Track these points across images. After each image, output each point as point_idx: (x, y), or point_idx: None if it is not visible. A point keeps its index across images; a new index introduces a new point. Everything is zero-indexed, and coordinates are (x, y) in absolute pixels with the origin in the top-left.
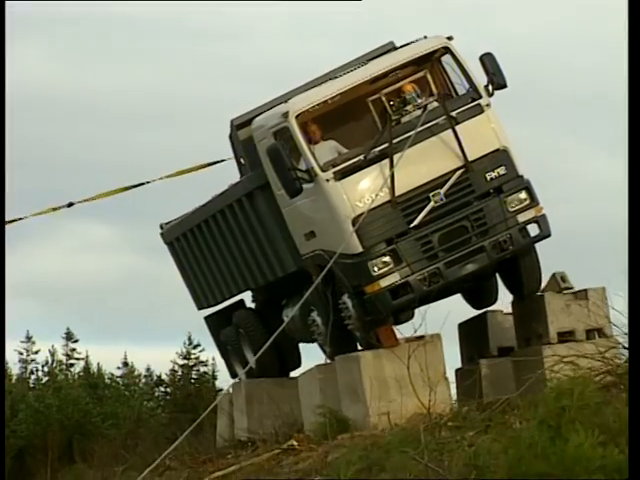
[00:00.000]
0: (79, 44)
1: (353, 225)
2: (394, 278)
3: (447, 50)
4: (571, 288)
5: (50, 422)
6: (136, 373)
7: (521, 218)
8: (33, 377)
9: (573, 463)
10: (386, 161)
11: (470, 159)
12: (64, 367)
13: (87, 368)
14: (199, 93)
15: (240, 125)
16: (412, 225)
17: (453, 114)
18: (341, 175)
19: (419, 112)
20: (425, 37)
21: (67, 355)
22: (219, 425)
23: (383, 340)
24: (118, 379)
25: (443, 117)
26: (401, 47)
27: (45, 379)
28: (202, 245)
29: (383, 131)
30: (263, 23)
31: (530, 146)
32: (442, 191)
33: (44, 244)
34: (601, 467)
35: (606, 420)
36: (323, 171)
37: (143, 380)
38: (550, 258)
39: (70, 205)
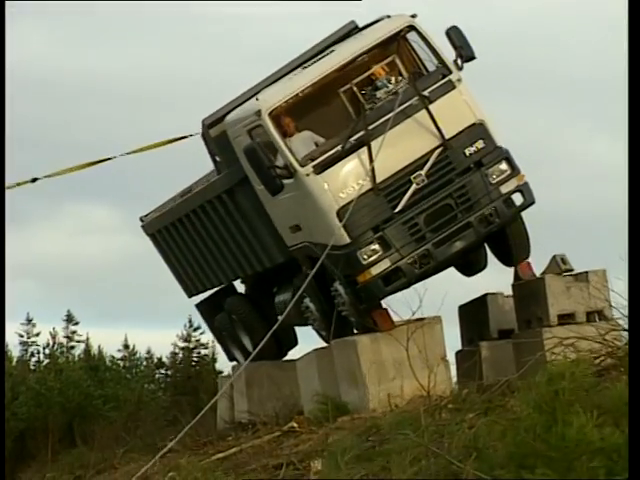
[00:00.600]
0: (79, 27)
1: (338, 217)
2: (385, 265)
3: (412, 28)
4: (571, 270)
5: (51, 405)
6: (137, 356)
7: (504, 189)
8: (34, 359)
9: (572, 445)
10: (364, 149)
11: (447, 136)
12: (65, 350)
13: (88, 350)
14: (199, 75)
15: (211, 124)
16: (397, 210)
17: (425, 93)
18: (321, 168)
19: (392, 96)
20: (388, 16)
21: (68, 337)
22: (219, 408)
23: (379, 324)
24: (119, 362)
25: (416, 98)
26: (364, 27)
27: (46, 362)
28: (186, 237)
29: (358, 120)
30: (263, 8)
31: (528, 127)
32: (423, 172)
33: (45, 226)
34: (600, 449)
35: (603, 402)
36: (302, 166)
37: (144, 363)
38: (550, 240)
39: (34, 180)
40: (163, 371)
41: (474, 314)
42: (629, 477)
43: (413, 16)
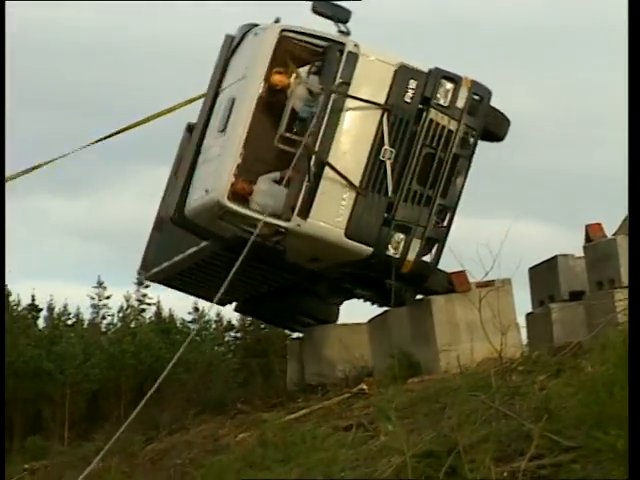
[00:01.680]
0: None
1: (348, 237)
2: (416, 245)
3: (284, 31)
4: None
5: (124, 367)
6: (207, 318)
7: (460, 103)
8: (105, 322)
9: None
10: (326, 169)
11: (382, 101)
12: (136, 312)
13: (159, 313)
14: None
15: (176, 211)
16: (390, 194)
17: (338, 80)
18: (305, 211)
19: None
20: (256, 34)
21: (139, 300)
22: (289, 369)
23: (457, 285)
24: (189, 324)
25: (333, 93)
26: (237, 46)
27: (119, 325)
28: (200, 276)
29: (306, 153)
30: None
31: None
32: (386, 145)
33: (115, 190)
34: None
35: None
36: (288, 220)
37: (213, 326)
38: (622, 202)
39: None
40: (233, 334)
41: (544, 276)
42: (629, 477)
43: (277, 21)
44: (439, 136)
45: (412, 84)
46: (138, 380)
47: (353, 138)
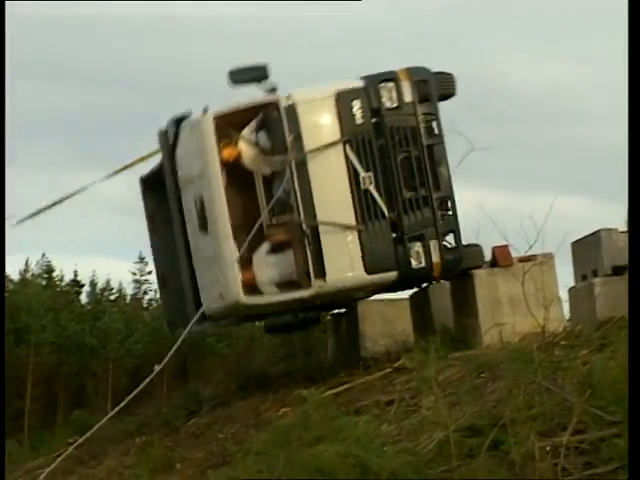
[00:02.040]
0: None
1: (370, 274)
2: (435, 246)
3: (214, 118)
4: None
5: (166, 342)
6: None
7: (408, 97)
8: (147, 297)
9: None
10: (322, 227)
11: (337, 135)
12: None
13: None
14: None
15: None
16: (388, 215)
17: (288, 138)
18: (321, 273)
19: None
20: (192, 129)
21: None
22: (331, 344)
23: (499, 259)
24: None
25: (290, 156)
26: (175, 142)
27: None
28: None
29: (298, 224)
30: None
31: None
32: (362, 174)
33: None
34: None
35: None
36: (309, 287)
37: None
38: None
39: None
40: None
41: (588, 250)
42: (629, 477)
43: (205, 110)
44: (405, 138)
45: (356, 104)
46: (180, 355)
47: (329, 184)
